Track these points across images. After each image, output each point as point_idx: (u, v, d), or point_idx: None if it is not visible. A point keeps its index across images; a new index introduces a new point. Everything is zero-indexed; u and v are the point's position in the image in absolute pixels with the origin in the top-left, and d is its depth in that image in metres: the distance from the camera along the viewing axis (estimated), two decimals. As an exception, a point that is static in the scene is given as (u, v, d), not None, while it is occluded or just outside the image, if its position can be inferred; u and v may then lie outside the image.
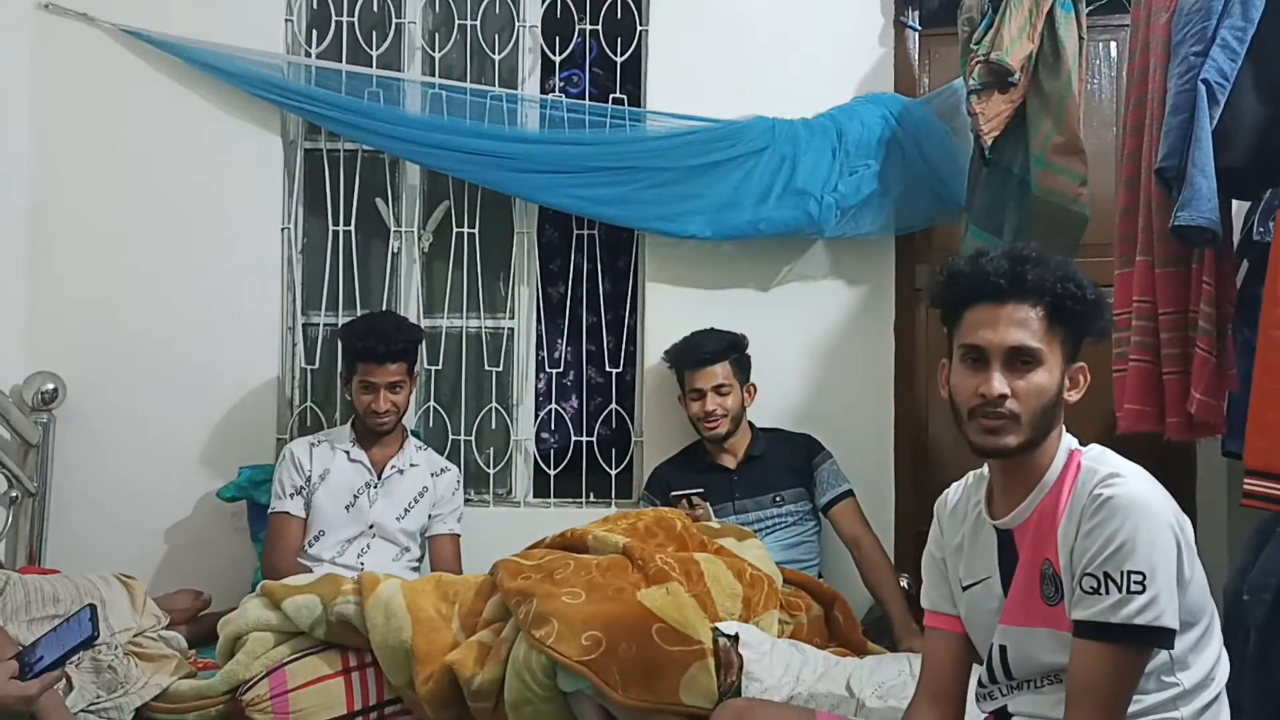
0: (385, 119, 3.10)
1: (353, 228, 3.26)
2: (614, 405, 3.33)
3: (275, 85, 3.11)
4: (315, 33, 3.21)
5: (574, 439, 3.36)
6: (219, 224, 3.18)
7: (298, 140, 3.27)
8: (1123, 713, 1.47)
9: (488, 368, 3.29)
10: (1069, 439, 1.62)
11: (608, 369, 3.34)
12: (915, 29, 3.26)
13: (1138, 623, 1.42)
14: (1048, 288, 1.53)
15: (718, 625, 2.20)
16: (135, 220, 3.16)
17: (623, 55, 3.26)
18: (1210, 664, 1.55)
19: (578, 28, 3.29)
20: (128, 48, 3.15)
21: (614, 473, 3.27)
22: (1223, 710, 1.57)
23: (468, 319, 3.30)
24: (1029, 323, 1.54)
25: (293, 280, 3.25)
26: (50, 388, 3.04)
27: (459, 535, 2.93)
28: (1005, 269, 1.55)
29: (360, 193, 3.25)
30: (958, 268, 1.62)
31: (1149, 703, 1.50)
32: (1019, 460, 1.58)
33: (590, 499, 3.29)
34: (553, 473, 3.31)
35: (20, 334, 3.13)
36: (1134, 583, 1.42)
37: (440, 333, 3.31)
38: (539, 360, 3.36)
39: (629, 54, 3.26)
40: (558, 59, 3.29)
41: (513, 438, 3.31)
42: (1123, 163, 2.48)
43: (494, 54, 3.25)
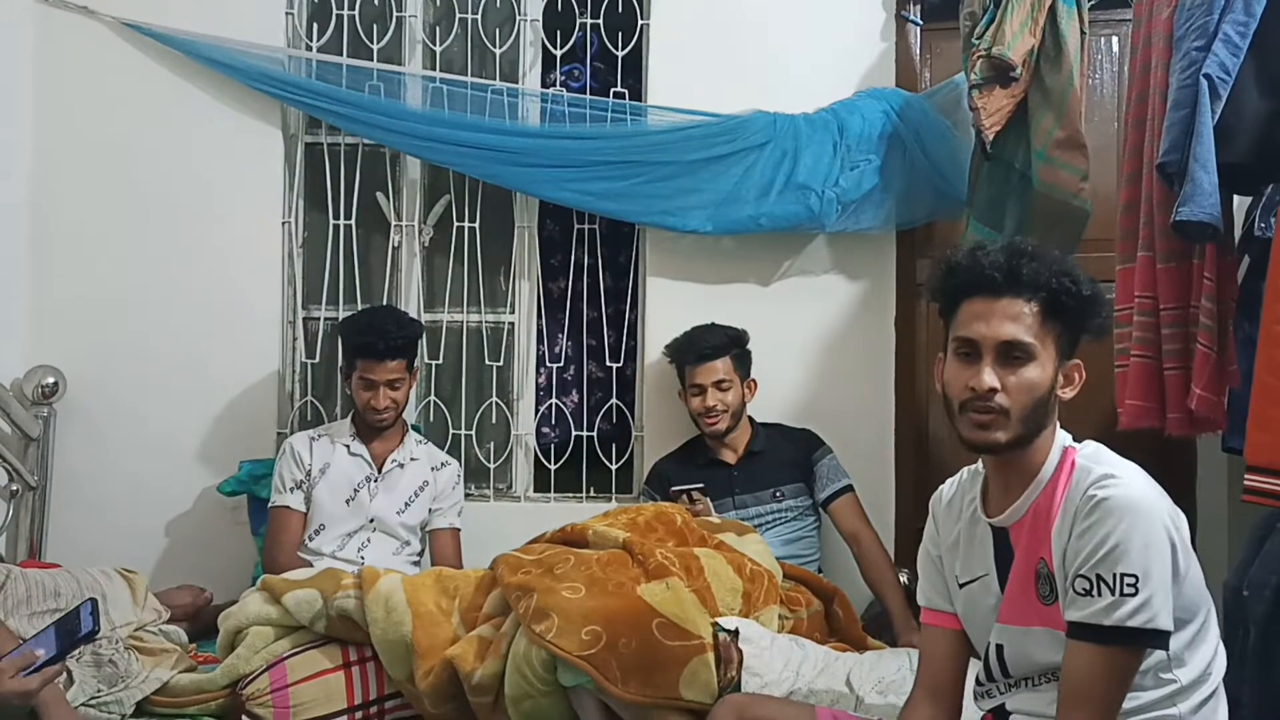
0: (386, 113, 3.10)
1: (353, 222, 3.25)
2: (614, 400, 3.33)
3: (276, 79, 3.11)
4: (316, 26, 3.21)
5: (574, 434, 3.36)
6: (219, 218, 3.18)
7: (298, 134, 3.27)
8: (1116, 713, 1.46)
9: (488, 362, 3.29)
10: (1063, 435, 1.61)
11: (608, 364, 3.34)
12: (917, 23, 3.25)
13: (1131, 625, 1.42)
14: (1043, 282, 1.53)
15: (718, 620, 2.20)
16: (136, 214, 3.16)
17: (624, 49, 3.26)
18: (1207, 659, 1.55)
19: (579, 22, 3.29)
20: (128, 41, 3.15)
21: (614, 468, 3.27)
22: (1220, 705, 1.57)
23: (468, 313, 3.30)
24: (1023, 317, 1.53)
25: (293, 274, 3.25)
26: (51, 381, 3.04)
27: (459, 529, 2.93)
28: (1001, 262, 1.55)
29: (361, 187, 3.25)
30: (955, 260, 1.62)
31: (1146, 699, 1.50)
32: (1012, 457, 1.57)
33: (590, 494, 3.29)
34: (553, 467, 3.31)
35: (21, 328, 3.13)
36: (1127, 585, 1.42)
37: (441, 327, 3.30)
38: (539, 355, 3.36)
39: (630, 48, 3.26)
40: (559, 53, 3.29)
41: (513, 432, 3.31)
42: (1124, 158, 2.48)
43: (495, 48, 3.25)
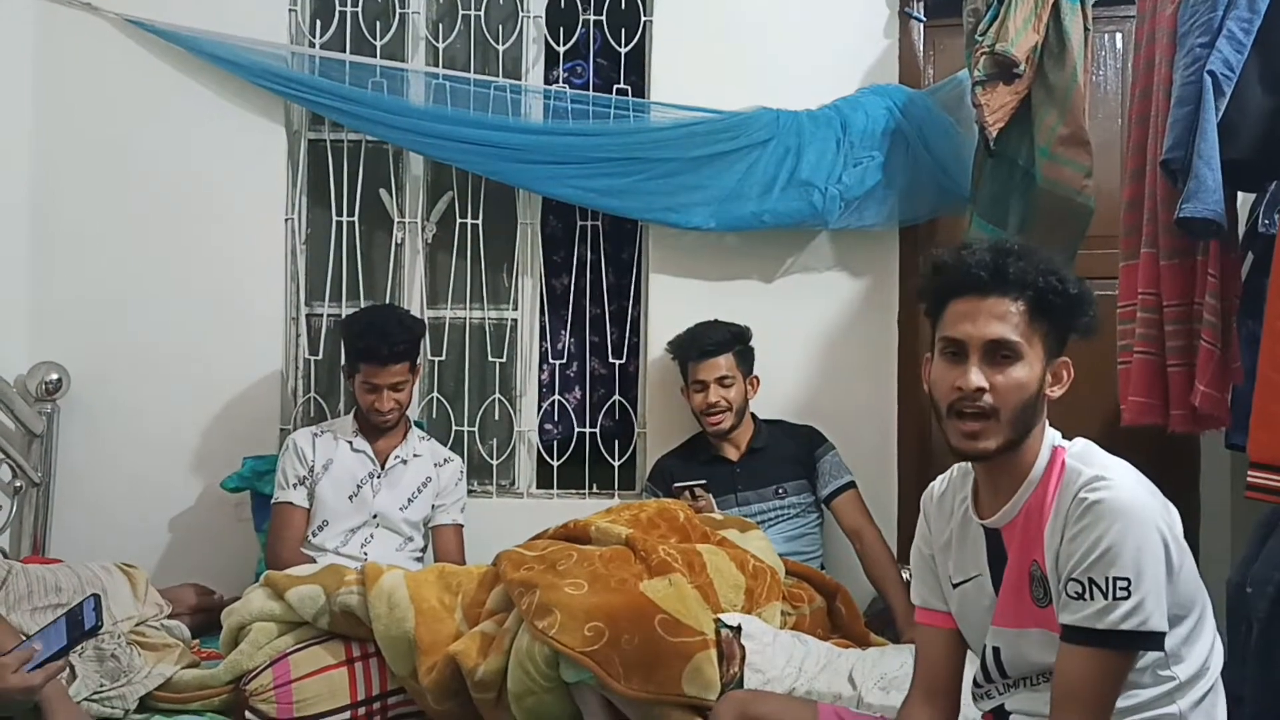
0: (389, 109, 3.10)
1: (356, 218, 3.25)
2: (617, 397, 3.33)
3: (279, 75, 3.11)
4: (319, 23, 3.21)
5: (577, 430, 3.36)
6: (222, 215, 3.18)
7: (301, 131, 3.27)
8: (1108, 715, 1.46)
9: (491, 359, 3.29)
10: (1052, 434, 1.60)
11: (611, 360, 3.34)
12: (920, 20, 3.24)
13: (1124, 628, 1.41)
14: (1030, 281, 1.51)
15: (720, 616, 2.20)
16: (139, 211, 3.16)
17: (627, 46, 3.26)
18: (1204, 655, 1.54)
19: (581, 18, 3.29)
20: (130, 37, 3.15)
21: (617, 464, 3.27)
22: (1219, 700, 1.56)
23: (471, 310, 3.30)
24: (1009, 316, 1.52)
25: (296, 271, 3.26)
26: (54, 378, 3.04)
27: (462, 525, 2.93)
28: (987, 261, 1.53)
29: (364, 183, 3.25)
30: (941, 260, 1.60)
31: (1145, 697, 1.50)
32: (1002, 459, 1.56)
33: (593, 490, 3.29)
34: (556, 464, 3.31)
35: (24, 324, 3.13)
36: (1119, 588, 1.41)
37: (444, 324, 3.30)
38: (542, 351, 3.36)
39: (633, 44, 3.26)
40: (562, 49, 3.28)
41: (516, 429, 3.32)
42: (1128, 154, 2.48)
43: (498, 44, 3.25)
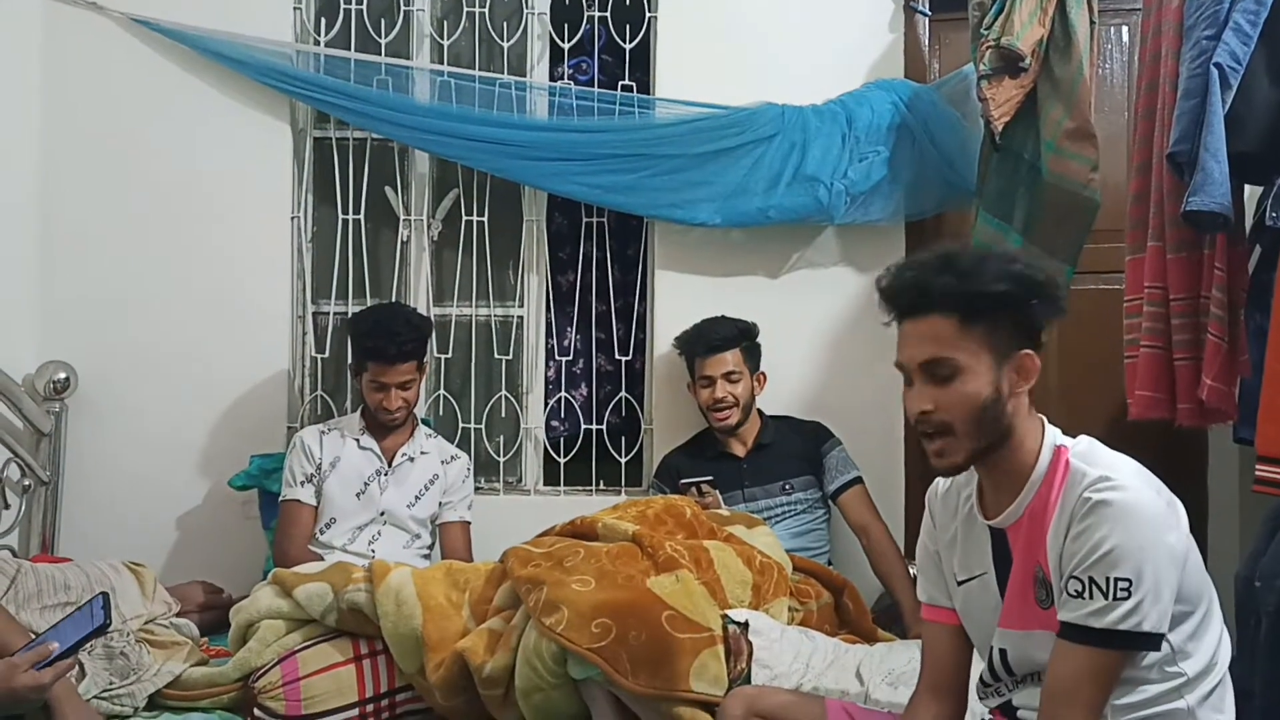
0: (394, 107, 3.10)
1: (362, 216, 3.26)
2: (623, 393, 3.33)
3: (284, 73, 3.12)
4: (324, 20, 3.21)
5: (584, 427, 3.36)
6: (228, 213, 3.18)
7: (307, 128, 3.27)
8: (1100, 714, 1.46)
9: (497, 356, 3.29)
10: (1053, 433, 1.58)
11: (617, 357, 3.34)
12: (925, 14, 3.24)
13: (1122, 628, 1.41)
14: (954, 293, 1.49)
15: (727, 612, 2.21)
16: (145, 209, 3.17)
17: (632, 42, 3.25)
18: (1212, 649, 1.53)
19: (586, 15, 3.28)
20: (135, 36, 3.15)
21: (624, 460, 3.27)
22: (1227, 694, 1.56)
23: (477, 307, 3.30)
24: (939, 334, 1.50)
25: (302, 269, 3.26)
26: (62, 377, 3.05)
27: (469, 523, 2.93)
28: (910, 283, 1.53)
29: (369, 181, 3.25)
30: (880, 284, 1.58)
31: (1153, 693, 1.48)
32: (993, 461, 1.56)
33: (600, 487, 3.29)
34: (562, 461, 3.31)
35: (32, 324, 3.14)
36: (1120, 589, 1.41)
37: (450, 321, 3.30)
38: (549, 348, 3.36)
39: (638, 41, 3.26)
40: (566, 46, 3.28)
41: (522, 426, 3.32)
42: (1134, 148, 2.47)
43: (503, 41, 3.25)
